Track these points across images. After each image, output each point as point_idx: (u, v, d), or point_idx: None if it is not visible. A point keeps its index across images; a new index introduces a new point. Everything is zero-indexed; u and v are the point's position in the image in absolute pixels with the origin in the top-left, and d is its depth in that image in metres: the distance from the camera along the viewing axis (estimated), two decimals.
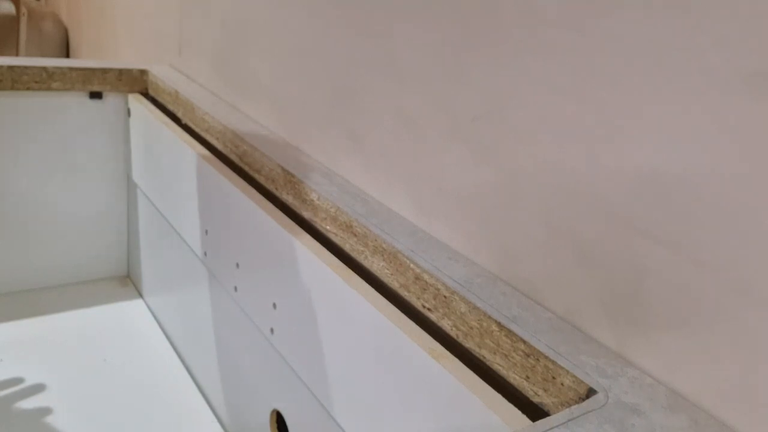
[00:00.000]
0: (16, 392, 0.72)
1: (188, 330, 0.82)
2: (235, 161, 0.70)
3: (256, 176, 0.66)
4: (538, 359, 0.38)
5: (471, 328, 0.42)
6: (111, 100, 0.91)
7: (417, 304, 0.46)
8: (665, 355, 0.37)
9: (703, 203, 0.34)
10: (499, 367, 0.40)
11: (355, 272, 0.50)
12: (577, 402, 0.36)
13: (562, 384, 0.36)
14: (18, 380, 0.74)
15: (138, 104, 0.89)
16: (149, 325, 0.89)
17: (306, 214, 0.58)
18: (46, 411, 0.70)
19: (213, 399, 0.75)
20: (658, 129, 0.35)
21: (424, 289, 0.46)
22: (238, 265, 0.64)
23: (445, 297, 0.44)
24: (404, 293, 0.48)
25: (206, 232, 0.70)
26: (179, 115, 0.84)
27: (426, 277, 0.45)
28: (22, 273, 0.91)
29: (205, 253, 0.72)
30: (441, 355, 0.41)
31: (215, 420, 0.73)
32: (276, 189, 0.62)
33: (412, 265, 0.46)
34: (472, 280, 0.45)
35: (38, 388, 0.73)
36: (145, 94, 0.93)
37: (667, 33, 0.34)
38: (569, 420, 0.33)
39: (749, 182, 0.32)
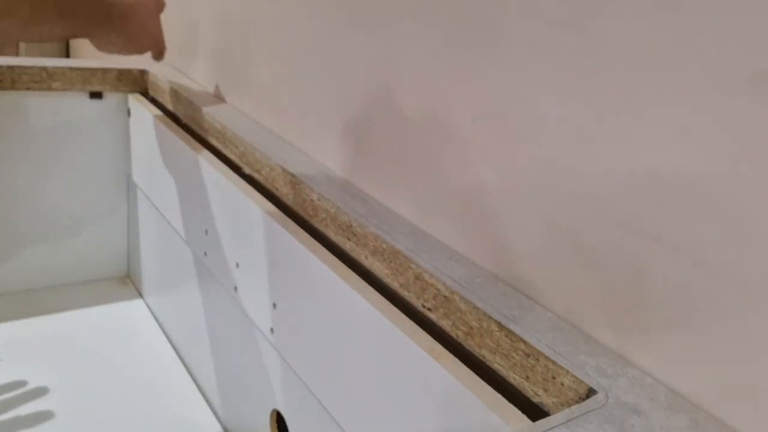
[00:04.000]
0: (15, 392, 0.72)
1: (188, 330, 0.82)
2: (235, 161, 0.70)
3: (256, 176, 0.66)
4: (538, 359, 0.38)
5: (471, 328, 0.42)
6: (111, 100, 0.91)
7: (417, 304, 0.46)
8: (665, 355, 0.37)
9: (702, 203, 0.34)
10: (499, 367, 0.40)
11: (355, 272, 0.50)
12: (577, 402, 0.36)
13: (562, 384, 0.37)
14: (18, 380, 0.74)
15: (138, 104, 0.89)
16: (149, 325, 0.89)
17: (306, 214, 0.58)
18: (46, 411, 0.70)
19: (213, 399, 0.75)
20: (658, 129, 0.35)
21: (424, 289, 0.46)
22: (238, 265, 0.64)
23: (445, 297, 0.44)
24: (404, 293, 0.48)
25: (206, 232, 0.70)
26: (179, 115, 0.84)
27: (426, 277, 0.45)
28: (22, 273, 0.91)
29: (205, 253, 0.72)
30: (441, 355, 0.41)
31: (215, 420, 0.73)
32: (276, 189, 0.62)
33: (412, 265, 0.46)
34: (472, 280, 0.45)
35: (38, 388, 0.73)
36: (145, 94, 0.93)
37: (666, 33, 0.34)
38: (569, 420, 0.33)
39: (749, 182, 0.32)
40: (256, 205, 0.60)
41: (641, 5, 0.35)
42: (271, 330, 0.59)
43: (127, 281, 0.99)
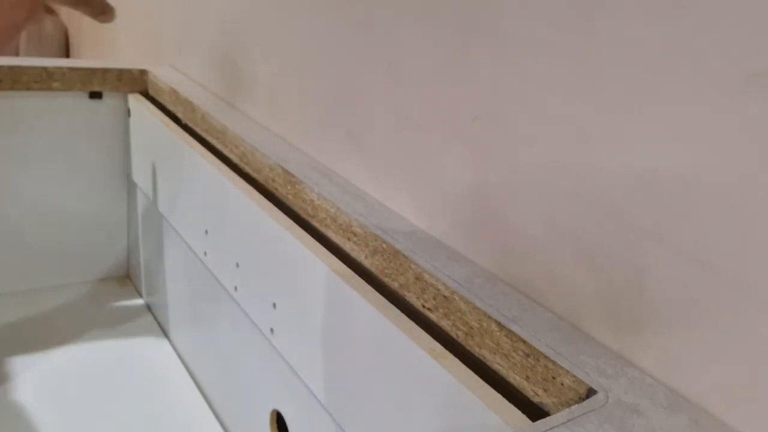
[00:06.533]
0: (15, 393, 0.72)
1: (188, 330, 0.82)
2: (235, 161, 0.70)
3: (256, 176, 0.66)
4: (538, 359, 0.38)
5: (471, 328, 0.42)
6: (111, 100, 0.91)
7: (417, 304, 0.46)
8: (665, 355, 0.37)
9: (703, 203, 0.34)
10: (499, 367, 0.40)
11: (355, 272, 0.50)
12: (577, 402, 0.36)
13: (562, 384, 0.36)
14: (17, 381, 0.74)
15: (138, 104, 0.89)
16: (149, 325, 0.89)
17: (306, 214, 0.58)
18: (46, 412, 0.70)
19: (213, 399, 0.75)
20: (659, 129, 0.35)
21: (424, 289, 0.46)
22: (238, 265, 0.64)
23: (445, 297, 0.44)
24: (404, 293, 0.48)
25: (206, 232, 0.70)
26: (179, 115, 0.84)
27: (426, 277, 0.45)
28: (22, 273, 0.91)
29: (205, 253, 0.72)
30: (441, 355, 0.41)
31: (215, 420, 0.73)
32: (276, 189, 0.62)
33: (412, 265, 0.46)
34: (472, 280, 0.45)
35: (38, 389, 0.73)
36: (145, 94, 0.93)
37: (666, 33, 0.34)
38: (569, 420, 0.33)
39: (749, 182, 0.32)
40: (256, 205, 0.60)
41: (641, 5, 0.35)
42: (271, 330, 0.59)
43: (127, 281, 0.99)
